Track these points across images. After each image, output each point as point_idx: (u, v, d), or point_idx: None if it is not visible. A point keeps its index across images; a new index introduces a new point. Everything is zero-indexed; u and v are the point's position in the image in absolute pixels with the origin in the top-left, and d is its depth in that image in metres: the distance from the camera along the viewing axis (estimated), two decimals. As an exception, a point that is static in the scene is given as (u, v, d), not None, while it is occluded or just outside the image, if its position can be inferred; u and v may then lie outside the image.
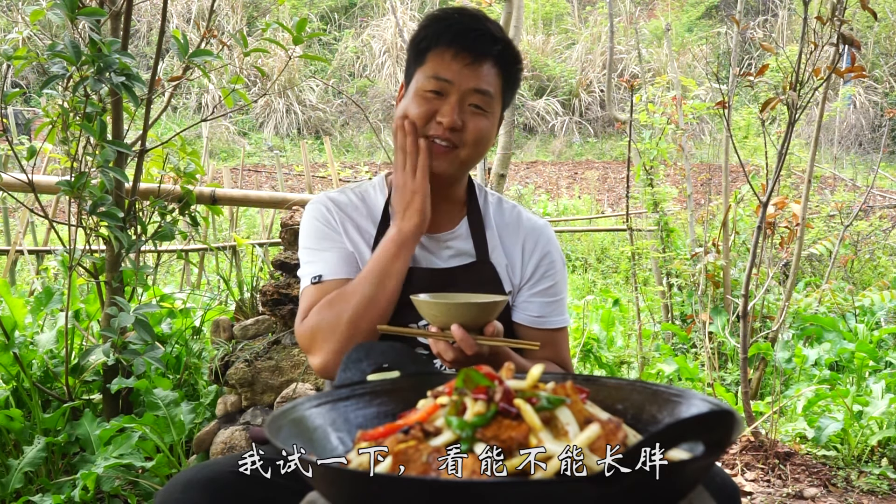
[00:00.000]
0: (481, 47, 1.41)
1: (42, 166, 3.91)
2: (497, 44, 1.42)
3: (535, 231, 1.54)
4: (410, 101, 1.43)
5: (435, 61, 1.41)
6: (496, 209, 1.56)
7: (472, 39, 1.40)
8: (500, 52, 1.42)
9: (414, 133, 1.40)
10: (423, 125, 1.41)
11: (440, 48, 1.41)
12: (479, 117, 1.42)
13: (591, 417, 0.74)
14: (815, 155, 3.75)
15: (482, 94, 1.41)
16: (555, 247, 1.56)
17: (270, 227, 6.38)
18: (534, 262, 1.51)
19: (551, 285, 1.52)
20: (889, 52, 15.50)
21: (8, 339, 2.51)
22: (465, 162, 1.45)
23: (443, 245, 1.50)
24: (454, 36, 1.40)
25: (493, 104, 1.43)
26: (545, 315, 1.50)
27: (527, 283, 1.51)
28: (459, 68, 1.39)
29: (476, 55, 1.40)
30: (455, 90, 1.40)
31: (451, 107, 1.39)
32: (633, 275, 4.57)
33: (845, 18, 2.92)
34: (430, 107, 1.41)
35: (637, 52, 7.94)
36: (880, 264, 6.53)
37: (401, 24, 14.20)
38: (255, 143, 14.06)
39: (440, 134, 1.40)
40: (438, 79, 1.40)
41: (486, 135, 1.44)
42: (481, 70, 1.40)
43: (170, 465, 2.47)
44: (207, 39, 2.76)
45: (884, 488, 2.85)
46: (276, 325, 2.80)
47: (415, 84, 1.43)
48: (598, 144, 15.16)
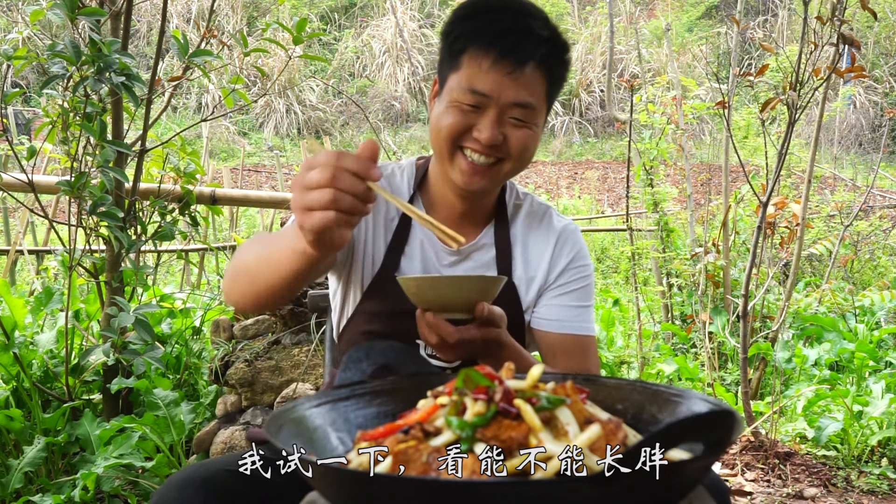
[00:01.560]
0: (524, 51, 1.23)
1: (42, 166, 3.91)
2: (542, 44, 1.25)
3: (567, 233, 1.45)
4: (444, 112, 1.28)
5: (471, 68, 1.24)
6: (526, 212, 1.45)
7: (514, 43, 1.23)
8: (546, 52, 1.25)
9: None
10: (457, 138, 1.28)
11: (476, 51, 1.24)
12: (522, 129, 1.27)
13: (591, 417, 0.74)
14: (815, 155, 3.75)
15: (524, 107, 1.25)
16: (586, 251, 1.47)
17: (270, 227, 6.38)
18: (562, 265, 1.42)
19: (580, 288, 1.42)
20: (889, 52, 15.50)
21: (8, 339, 2.51)
22: (508, 175, 1.33)
23: (463, 257, 1.40)
24: (493, 37, 1.23)
25: (537, 115, 1.29)
26: (570, 320, 1.40)
27: (553, 285, 1.41)
28: (499, 78, 1.23)
29: (517, 62, 1.23)
30: (493, 104, 1.24)
31: (489, 121, 1.25)
32: (633, 275, 4.57)
33: (845, 18, 2.92)
34: (465, 120, 1.26)
35: (637, 52, 7.95)
36: (880, 264, 6.53)
37: (401, 24, 14.21)
38: (255, 143, 14.06)
39: (478, 149, 1.27)
40: (475, 92, 1.24)
41: (531, 146, 1.30)
42: (523, 78, 1.24)
43: (170, 465, 2.47)
44: (207, 39, 2.76)
45: (884, 488, 2.85)
46: (276, 325, 2.80)
47: (448, 92, 1.28)
48: (598, 144, 15.16)
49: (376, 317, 1.36)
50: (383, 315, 1.35)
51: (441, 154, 1.31)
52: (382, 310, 1.35)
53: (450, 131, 1.27)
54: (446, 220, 1.40)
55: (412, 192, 1.41)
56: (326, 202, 0.90)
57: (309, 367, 2.62)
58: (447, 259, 1.39)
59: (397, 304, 1.28)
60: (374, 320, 1.36)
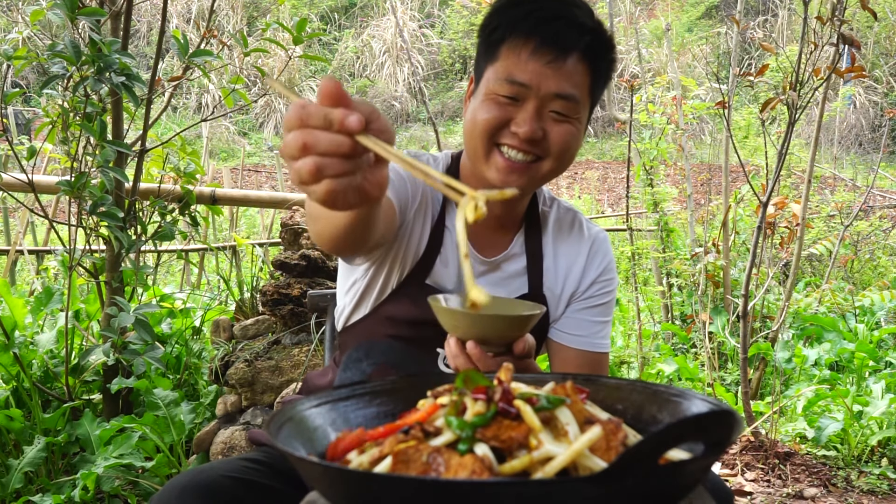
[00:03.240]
0: (566, 40, 1.16)
1: (42, 166, 3.91)
2: (586, 34, 1.17)
3: (598, 242, 1.38)
4: (480, 105, 1.20)
5: (509, 58, 1.17)
6: (554, 219, 1.38)
7: (556, 31, 1.16)
8: (589, 43, 1.18)
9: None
10: (494, 133, 1.19)
11: (516, 41, 1.17)
12: (563, 124, 1.19)
13: (590, 417, 0.74)
14: (815, 155, 3.75)
15: (566, 99, 1.17)
16: (614, 263, 1.40)
17: (270, 227, 6.38)
18: (592, 276, 1.35)
19: (605, 303, 1.36)
20: (889, 52, 15.50)
21: (8, 339, 2.51)
22: (547, 176, 1.23)
23: (493, 268, 1.33)
24: (534, 26, 1.16)
25: (580, 108, 1.20)
26: (590, 336, 1.34)
27: (581, 297, 1.35)
28: (539, 68, 1.16)
29: (559, 51, 1.16)
30: (533, 95, 1.17)
31: (528, 114, 1.17)
32: (633, 275, 4.57)
33: (845, 18, 2.92)
34: (502, 113, 1.19)
35: (637, 52, 7.94)
36: (880, 264, 6.52)
37: (401, 24, 14.20)
38: (255, 143, 14.07)
39: (516, 145, 1.18)
40: (513, 82, 1.17)
41: (573, 144, 1.21)
42: (565, 69, 1.16)
43: (170, 466, 2.47)
44: (207, 39, 2.76)
45: (884, 488, 2.85)
46: (276, 325, 2.80)
47: (485, 84, 1.20)
48: (598, 144, 15.16)
49: (399, 322, 1.29)
50: (406, 321, 1.28)
51: (475, 151, 1.23)
52: (406, 315, 1.28)
53: (486, 125, 1.19)
54: (477, 225, 1.35)
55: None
56: (314, 173, 0.73)
57: (309, 367, 2.62)
58: (478, 268, 1.33)
59: (424, 312, 1.19)
60: (396, 325, 1.29)
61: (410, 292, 1.28)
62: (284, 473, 1.18)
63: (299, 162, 0.73)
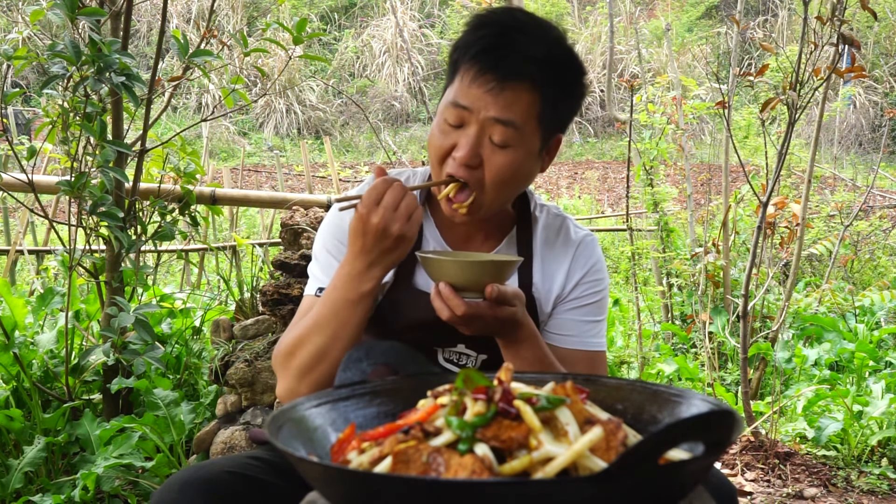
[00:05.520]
0: (506, 68, 1.17)
1: (42, 166, 3.90)
2: (531, 64, 1.18)
3: (584, 245, 1.40)
4: (433, 130, 1.24)
5: (460, 82, 1.20)
6: (543, 224, 1.41)
7: (496, 59, 1.17)
8: (538, 73, 1.18)
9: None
10: (443, 160, 1.23)
11: (466, 65, 1.20)
12: (501, 153, 1.20)
13: (590, 417, 0.74)
14: (815, 155, 3.75)
15: (504, 124, 1.18)
16: (602, 264, 1.41)
17: (270, 227, 6.38)
18: (577, 277, 1.37)
19: (594, 302, 1.38)
20: (889, 52, 15.50)
21: (8, 339, 2.51)
22: (489, 207, 1.25)
23: None
24: (478, 52, 1.18)
25: (524, 136, 1.20)
26: (581, 335, 1.37)
27: (567, 298, 1.37)
28: (480, 94, 1.17)
29: (500, 78, 1.17)
30: (473, 119, 1.19)
31: (467, 139, 1.19)
32: (633, 275, 4.57)
33: (845, 18, 2.92)
34: (448, 140, 1.21)
35: (637, 52, 7.95)
36: (880, 264, 6.52)
37: (401, 24, 14.20)
38: (255, 143, 14.06)
39: (455, 172, 1.21)
40: (457, 105, 1.19)
41: (511, 172, 1.22)
42: (505, 95, 1.17)
43: (170, 465, 2.47)
44: (207, 39, 2.76)
45: (884, 488, 2.85)
46: (276, 325, 2.80)
47: (441, 105, 1.24)
48: (598, 144, 15.16)
49: (394, 328, 1.32)
50: (402, 326, 1.32)
51: (435, 176, 1.27)
52: (401, 320, 1.33)
53: (435, 154, 1.24)
54: (459, 234, 1.38)
55: (421, 204, 1.34)
56: (408, 229, 1.13)
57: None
58: None
59: (417, 314, 1.28)
60: (392, 331, 1.32)
61: (400, 297, 1.33)
62: (287, 471, 1.19)
63: (399, 223, 1.16)
